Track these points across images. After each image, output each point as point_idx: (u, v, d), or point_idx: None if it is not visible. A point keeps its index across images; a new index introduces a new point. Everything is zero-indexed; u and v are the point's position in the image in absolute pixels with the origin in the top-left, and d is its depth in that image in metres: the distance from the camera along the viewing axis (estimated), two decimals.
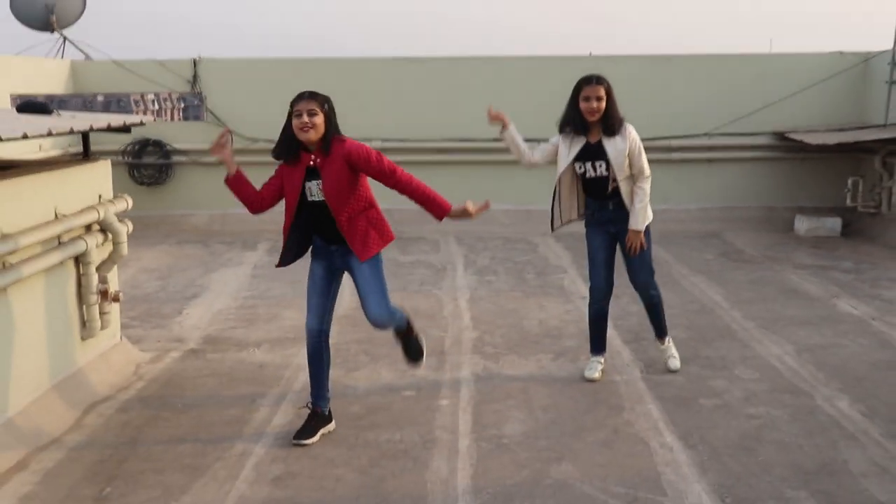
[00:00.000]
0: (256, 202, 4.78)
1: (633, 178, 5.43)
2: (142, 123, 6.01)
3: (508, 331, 6.80)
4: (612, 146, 5.37)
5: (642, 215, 5.44)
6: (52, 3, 11.47)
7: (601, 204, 5.51)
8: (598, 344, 5.79)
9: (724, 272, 8.76)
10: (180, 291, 8.09)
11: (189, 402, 5.32)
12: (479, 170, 11.37)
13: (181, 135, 11.45)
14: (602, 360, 5.77)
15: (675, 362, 5.84)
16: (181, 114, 10.70)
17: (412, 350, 5.05)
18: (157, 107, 10.46)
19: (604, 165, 5.40)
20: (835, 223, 10.77)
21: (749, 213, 11.38)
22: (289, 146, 4.54)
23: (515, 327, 6.90)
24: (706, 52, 11.64)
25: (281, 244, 4.75)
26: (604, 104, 5.32)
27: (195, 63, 11.49)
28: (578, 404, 5.27)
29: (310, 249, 4.76)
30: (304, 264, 4.85)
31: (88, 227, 5.45)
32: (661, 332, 5.89)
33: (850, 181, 10.84)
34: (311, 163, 4.51)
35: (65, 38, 11.71)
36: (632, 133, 5.40)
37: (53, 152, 10.15)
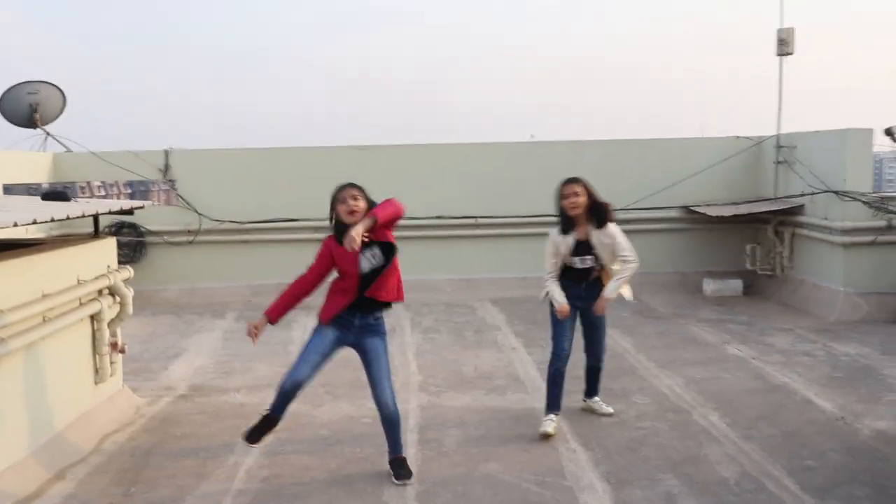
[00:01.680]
0: (306, 292, 5.61)
1: (620, 262, 6.24)
2: (142, 207, 7.26)
3: (448, 375, 8.07)
4: (598, 241, 6.19)
5: (615, 286, 6.25)
6: (36, 102, 12.72)
7: (576, 284, 6.34)
8: (554, 402, 6.35)
9: (636, 326, 10.15)
10: (163, 352, 9.24)
11: (186, 432, 6.49)
12: (422, 244, 12.71)
13: (154, 217, 12.63)
14: (556, 417, 6.30)
15: (607, 408, 6.70)
16: (129, 198, 11.87)
17: (402, 472, 5.42)
18: (103, 192, 11.61)
19: (591, 259, 6.24)
20: (737, 284, 12.27)
21: (663, 278, 12.83)
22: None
23: (455, 372, 8.17)
24: (621, 138, 13.23)
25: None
26: (583, 199, 6.16)
27: (167, 153, 12.77)
28: (504, 425, 6.55)
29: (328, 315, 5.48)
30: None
31: (101, 291, 6.65)
32: (594, 391, 6.78)
33: (748, 248, 12.40)
34: (367, 240, 5.17)
35: (47, 134, 12.93)
36: (615, 231, 6.21)
37: (39, 234, 11.28)
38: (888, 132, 10.24)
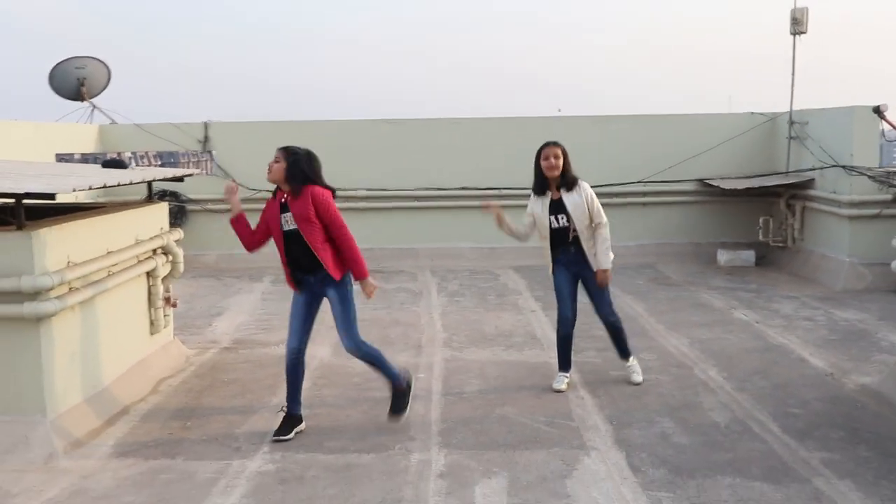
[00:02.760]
0: (248, 238, 5.98)
1: (594, 227, 6.59)
2: (191, 175, 7.94)
3: (471, 333, 8.72)
4: (570, 201, 6.55)
5: (606, 256, 6.62)
6: (83, 76, 13.44)
7: (564, 248, 6.67)
8: (564, 363, 6.84)
9: (650, 293, 10.74)
10: (206, 311, 9.96)
11: (233, 378, 7.20)
12: (448, 213, 13.34)
13: (193, 187, 13.34)
14: (568, 375, 6.81)
15: (637, 377, 6.89)
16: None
17: (397, 405, 5.98)
18: (134, 163, 12.30)
19: (565, 218, 6.58)
20: (749, 255, 12.80)
21: (679, 248, 13.39)
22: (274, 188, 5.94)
23: (476, 331, 8.81)
24: (641, 113, 13.75)
25: (279, 277, 6.36)
26: (561, 162, 6.53)
27: (206, 125, 13.46)
28: (520, 375, 7.19)
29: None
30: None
31: (155, 251, 7.34)
32: (624, 353, 7.00)
33: (761, 220, 12.90)
34: (283, 199, 5.77)
35: (94, 106, 13.65)
36: (586, 189, 6.71)
37: (89, 200, 12.01)
38: (876, 110, 10.69)
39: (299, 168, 5.78)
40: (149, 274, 7.25)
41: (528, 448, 5.51)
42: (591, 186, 6.86)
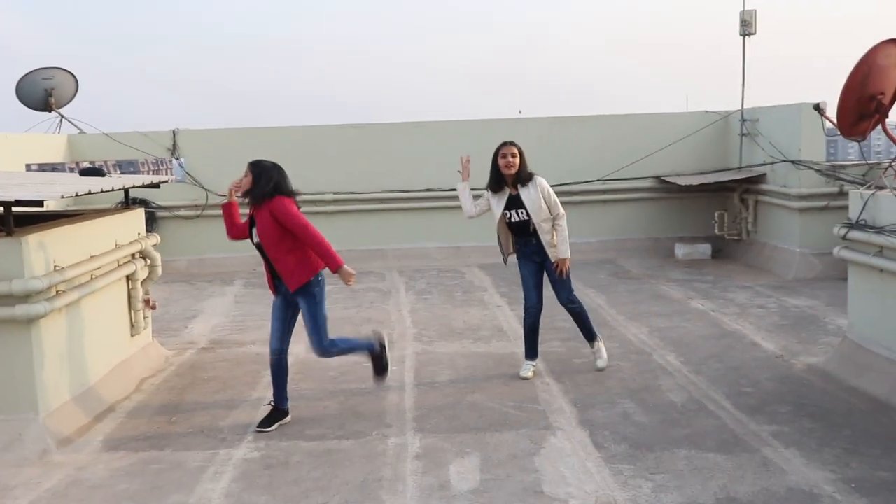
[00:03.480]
0: (232, 226, 6.29)
1: (553, 218, 7.08)
2: (167, 181, 8.20)
3: (440, 328, 9.06)
4: (527, 195, 6.92)
5: (564, 245, 6.99)
6: (51, 87, 13.60)
7: (526, 240, 7.06)
8: (531, 351, 7.19)
9: (611, 286, 11.15)
10: (181, 314, 10.21)
11: (212, 375, 7.48)
12: (415, 214, 13.67)
13: (163, 194, 13.52)
14: (534, 364, 7.16)
15: (601, 362, 7.22)
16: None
17: (378, 367, 6.46)
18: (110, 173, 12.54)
19: (524, 212, 6.96)
20: (706, 248, 13.27)
21: (638, 244, 13.83)
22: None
23: (445, 326, 9.16)
24: (599, 114, 14.19)
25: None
26: (518, 160, 6.92)
27: (174, 133, 13.68)
28: (488, 365, 7.55)
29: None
30: (264, 291, 6.96)
31: (134, 255, 7.60)
32: (589, 336, 7.33)
33: (716, 214, 13.39)
34: (251, 212, 6.04)
35: (62, 116, 13.81)
36: (542, 183, 7.08)
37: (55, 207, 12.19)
38: (816, 108, 11.20)
39: (261, 181, 5.99)
40: (128, 277, 7.51)
41: (498, 430, 5.86)
42: (553, 185, 7.24)
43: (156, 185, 8.09)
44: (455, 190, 7.59)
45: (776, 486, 4.84)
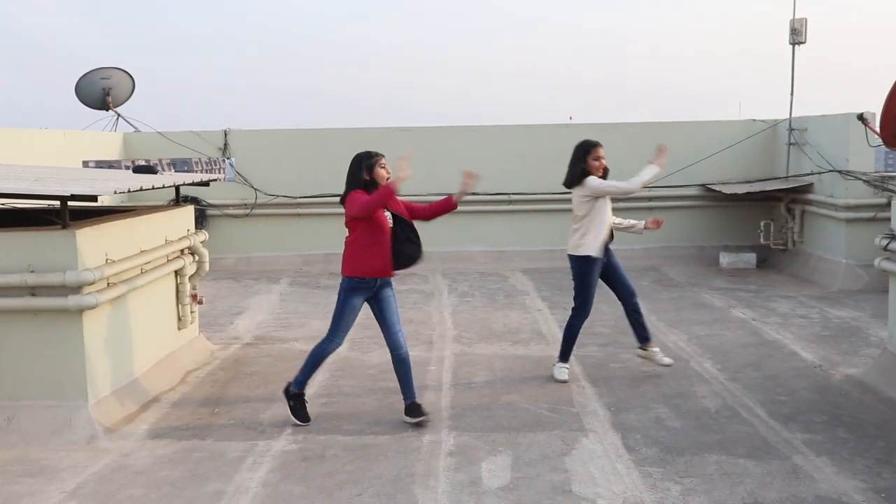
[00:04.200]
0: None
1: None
2: (216, 180, 8.41)
3: (480, 330, 9.17)
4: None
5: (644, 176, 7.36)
6: (109, 86, 13.98)
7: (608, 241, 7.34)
8: (569, 353, 7.31)
9: (653, 293, 11.16)
10: (227, 310, 10.44)
11: (255, 370, 7.66)
12: (460, 218, 13.74)
13: (213, 192, 13.82)
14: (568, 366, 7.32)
15: (668, 359, 7.42)
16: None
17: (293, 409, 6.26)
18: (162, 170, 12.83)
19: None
20: (751, 257, 13.21)
21: (683, 251, 13.81)
22: None
23: (485, 328, 9.26)
24: (646, 121, 14.19)
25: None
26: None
27: (225, 133, 13.96)
28: (525, 368, 7.64)
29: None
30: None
31: (182, 251, 7.82)
32: (648, 335, 7.43)
33: (762, 223, 13.32)
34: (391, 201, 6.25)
35: (118, 115, 14.18)
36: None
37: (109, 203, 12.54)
38: (860, 118, 11.09)
39: (350, 174, 6.29)
40: (177, 272, 7.72)
41: (531, 430, 5.96)
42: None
43: (205, 184, 8.31)
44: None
45: (804, 494, 4.87)
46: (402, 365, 6.29)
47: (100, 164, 12.27)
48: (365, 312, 6.45)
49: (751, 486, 4.98)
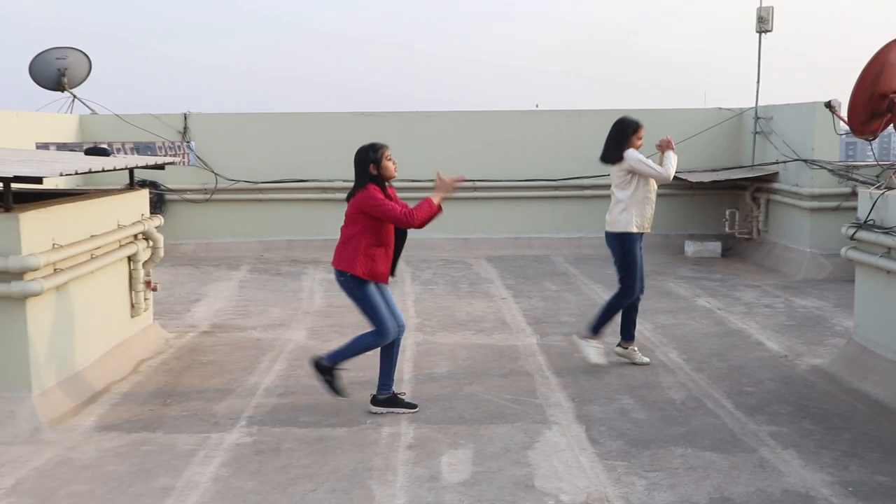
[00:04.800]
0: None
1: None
2: (172, 163, 8.16)
3: (443, 318, 9.00)
4: None
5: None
6: (64, 67, 13.60)
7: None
8: (599, 328, 7.16)
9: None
10: (185, 297, 10.19)
11: (211, 359, 7.44)
12: None
13: (172, 177, 13.54)
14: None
15: (645, 358, 7.23)
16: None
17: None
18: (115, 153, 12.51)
19: None
20: (716, 246, 13.17)
21: (648, 240, 13.33)
22: None
23: (448, 316, 9.10)
24: (611, 108, 14.06)
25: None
26: None
27: (185, 116, 13.65)
28: (488, 358, 7.48)
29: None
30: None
31: (136, 236, 7.56)
32: (631, 335, 7.29)
33: (727, 212, 13.27)
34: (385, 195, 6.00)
35: (74, 97, 13.81)
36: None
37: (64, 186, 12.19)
38: (827, 105, 11.05)
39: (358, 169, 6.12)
40: (130, 258, 7.47)
41: (494, 423, 5.80)
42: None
43: (160, 167, 8.06)
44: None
45: (772, 488, 4.76)
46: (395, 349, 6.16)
47: (60, 148, 11.93)
48: (340, 300, 6.23)
49: (717, 479, 4.87)
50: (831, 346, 7.71)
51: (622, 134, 7.12)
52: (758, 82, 12.94)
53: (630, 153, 7.04)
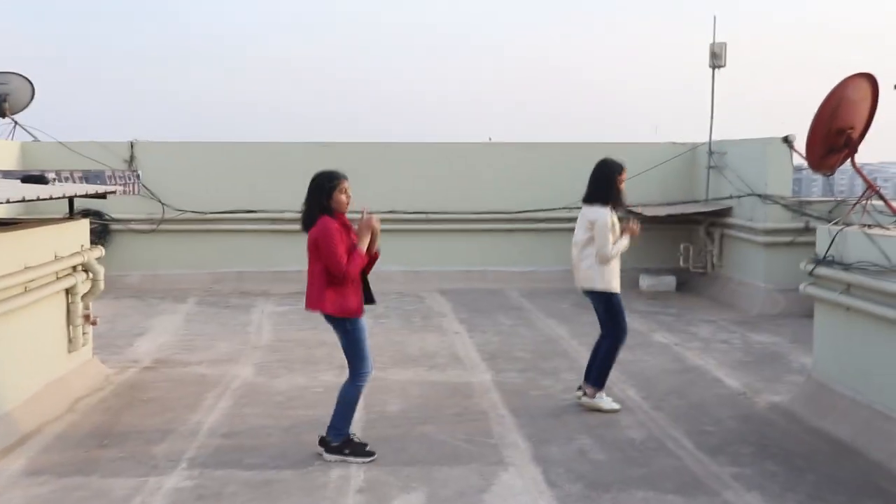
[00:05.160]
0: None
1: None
2: (114, 192, 7.86)
3: (394, 353, 8.75)
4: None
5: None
6: (5, 92, 13.19)
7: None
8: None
9: (573, 316, 10.89)
10: (128, 331, 9.82)
11: (153, 396, 7.11)
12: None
13: (118, 206, 13.16)
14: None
15: (614, 404, 6.84)
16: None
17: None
18: (55, 181, 12.16)
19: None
20: (671, 280, 13.10)
21: None
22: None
23: (400, 352, 8.85)
24: (565, 141, 14.01)
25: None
26: None
27: (132, 144, 13.30)
28: (441, 395, 7.25)
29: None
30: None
31: (75, 267, 7.24)
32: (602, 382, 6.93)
33: (682, 246, 13.23)
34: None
35: (15, 123, 13.40)
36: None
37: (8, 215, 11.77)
38: (786, 140, 11.08)
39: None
40: (68, 291, 7.14)
41: (447, 464, 5.57)
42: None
43: (102, 196, 7.75)
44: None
45: None
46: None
47: (7, 175, 11.53)
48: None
49: None
50: (789, 383, 7.60)
51: (608, 176, 7.00)
52: (711, 117, 12.94)
53: (605, 217, 6.91)
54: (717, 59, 12.64)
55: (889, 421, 5.81)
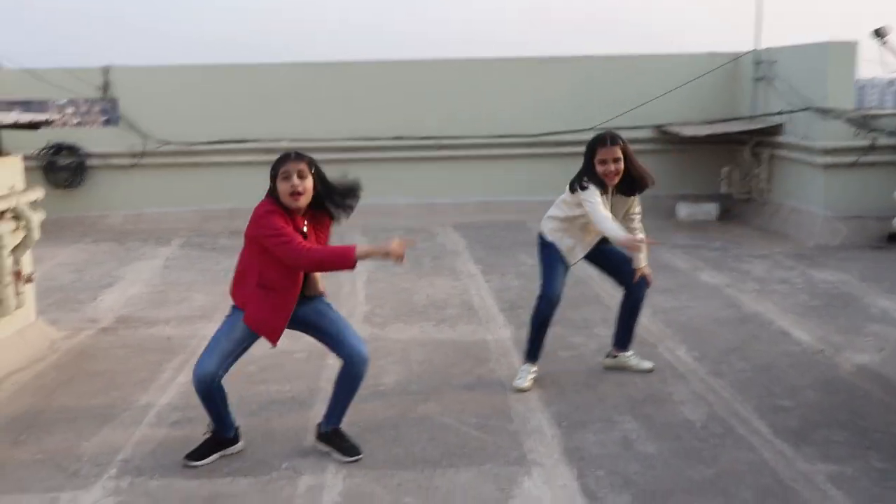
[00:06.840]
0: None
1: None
2: (48, 122, 6.52)
3: (397, 304, 7.47)
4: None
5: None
6: None
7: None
8: (537, 351, 5.50)
9: None
10: (96, 281, 8.58)
11: (100, 369, 5.88)
12: (382, 166, 11.99)
13: (96, 139, 11.88)
14: (534, 369, 5.47)
15: (647, 363, 5.67)
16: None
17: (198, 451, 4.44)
18: None
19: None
20: (711, 209, 11.71)
21: None
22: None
23: (404, 302, 7.57)
24: (586, 54, 12.48)
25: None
26: (622, 164, 5.27)
27: (106, 70, 11.91)
28: (450, 359, 5.97)
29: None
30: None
31: (2, 214, 5.95)
32: (628, 342, 5.75)
33: (724, 170, 11.79)
34: (304, 227, 4.43)
35: None
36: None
37: None
38: (878, 33, 9.45)
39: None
40: None
41: (453, 465, 4.28)
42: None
43: (34, 126, 6.42)
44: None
45: None
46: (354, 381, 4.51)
47: None
48: None
49: None
50: (874, 337, 6.26)
51: (585, 155, 5.39)
52: (758, 22, 11.41)
53: (584, 195, 5.32)
54: None
55: None
